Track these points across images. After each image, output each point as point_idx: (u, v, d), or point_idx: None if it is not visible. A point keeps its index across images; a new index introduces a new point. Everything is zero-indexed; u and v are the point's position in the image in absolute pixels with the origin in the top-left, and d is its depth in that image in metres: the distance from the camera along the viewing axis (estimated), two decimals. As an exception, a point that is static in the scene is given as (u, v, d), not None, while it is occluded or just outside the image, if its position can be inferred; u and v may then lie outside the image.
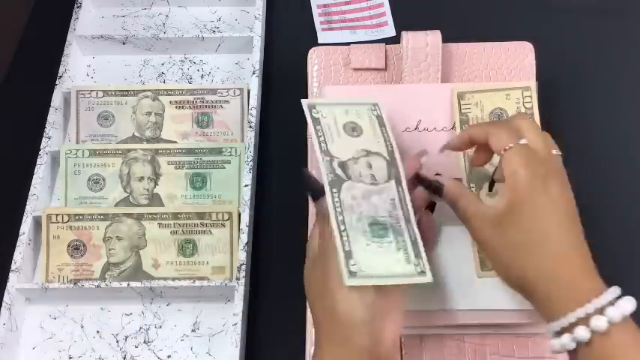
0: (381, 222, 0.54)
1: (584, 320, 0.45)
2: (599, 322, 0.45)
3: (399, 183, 0.56)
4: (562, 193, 0.50)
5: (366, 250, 0.52)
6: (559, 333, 0.47)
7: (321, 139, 0.57)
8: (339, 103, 0.60)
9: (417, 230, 0.54)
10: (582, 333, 0.45)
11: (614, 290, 0.47)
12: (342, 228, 0.53)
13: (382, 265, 0.52)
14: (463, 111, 0.65)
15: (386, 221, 0.54)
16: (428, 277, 0.52)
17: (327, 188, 0.54)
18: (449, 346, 0.62)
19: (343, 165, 0.56)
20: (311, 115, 0.58)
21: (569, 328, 0.46)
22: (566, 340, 0.46)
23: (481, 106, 0.65)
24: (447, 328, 0.62)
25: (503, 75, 0.71)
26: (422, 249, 0.53)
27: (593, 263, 0.49)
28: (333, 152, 0.56)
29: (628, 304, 0.45)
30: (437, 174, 0.60)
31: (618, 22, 0.83)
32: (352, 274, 0.50)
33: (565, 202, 0.50)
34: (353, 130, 0.58)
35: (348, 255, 0.51)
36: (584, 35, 0.82)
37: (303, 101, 0.58)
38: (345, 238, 0.52)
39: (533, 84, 0.65)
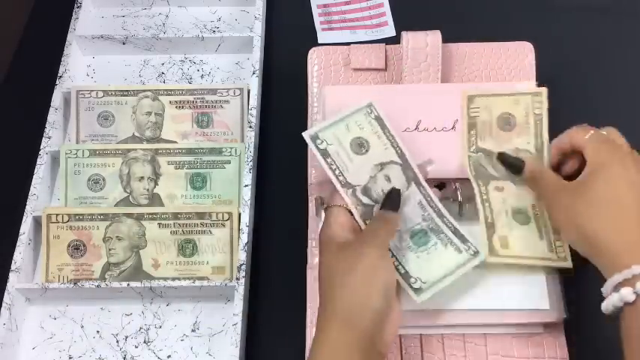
0: (419, 230, 0.58)
1: None
2: None
3: (417, 183, 0.59)
4: (634, 165, 0.56)
5: (418, 263, 0.56)
6: (618, 286, 0.51)
7: (337, 172, 0.58)
8: (337, 121, 0.60)
9: (451, 218, 0.58)
10: None
11: None
12: (390, 255, 0.56)
13: (439, 267, 0.57)
14: (472, 114, 0.65)
15: (422, 227, 0.58)
16: (481, 255, 0.58)
17: (360, 222, 0.57)
18: (449, 346, 0.62)
19: (366, 190, 0.58)
20: (317, 147, 0.59)
21: (631, 281, 0.50)
22: (627, 292, 0.50)
23: (489, 110, 0.65)
24: (447, 328, 0.62)
25: (503, 75, 0.71)
26: (464, 232, 0.58)
27: None
28: (352, 181, 0.58)
29: None
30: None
31: (618, 22, 0.83)
32: (417, 290, 0.55)
33: (636, 174, 0.55)
34: (360, 146, 0.60)
35: (407, 276, 0.56)
36: (584, 35, 0.82)
37: (305, 135, 0.59)
38: (396, 263, 0.56)
39: (544, 90, 0.65)
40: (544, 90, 0.65)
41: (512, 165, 0.62)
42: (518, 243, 0.60)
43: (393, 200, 0.57)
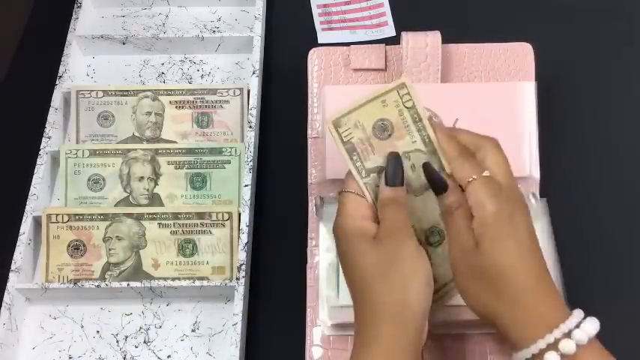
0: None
1: (554, 346, 0.47)
2: (568, 346, 0.46)
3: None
4: (527, 227, 0.51)
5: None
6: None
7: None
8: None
9: None
10: (552, 358, 0.46)
11: (579, 313, 0.48)
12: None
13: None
14: (345, 139, 0.55)
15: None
16: None
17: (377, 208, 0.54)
18: (449, 346, 0.62)
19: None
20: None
21: (539, 355, 0.47)
22: None
23: (360, 125, 0.55)
24: (447, 328, 0.62)
25: (503, 76, 0.71)
26: None
27: (556, 288, 0.50)
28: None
29: (592, 326, 0.47)
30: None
31: (618, 22, 0.83)
32: None
33: (530, 236, 0.51)
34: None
35: None
36: (584, 35, 0.82)
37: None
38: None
39: (404, 80, 0.55)
40: (404, 80, 0.55)
41: (435, 182, 0.54)
42: (441, 271, 0.55)
43: (396, 174, 0.53)
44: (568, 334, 0.47)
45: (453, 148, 0.54)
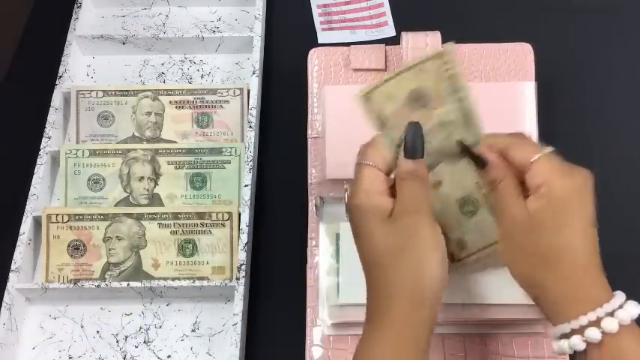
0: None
1: (595, 322, 0.47)
2: (611, 324, 0.47)
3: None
4: (592, 204, 0.50)
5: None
6: (567, 335, 0.48)
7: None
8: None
9: None
10: (594, 334, 0.47)
11: (621, 295, 0.49)
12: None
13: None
14: (376, 112, 0.53)
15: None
16: None
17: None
18: (449, 346, 0.62)
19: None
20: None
21: (579, 330, 0.47)
22: (576, 341, 0.47)
23: (392, 97, 0.52)
24: (447, 328, 0.62)
25: (503, 76, 0.71)
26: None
27: (602, 268, 0.50)
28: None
29: (635, 308, 0.48)
30: None
31: (618, 22, 0.83)
32: None
33: (593, 213, 0.50)
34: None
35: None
36: (584, 35, 0.82)
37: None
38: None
39: (451, 46, 0.52)
40: (449, 46, 0.51)
41: (475, 159, 0.53)
42: (472, 238, 0.56)
43: (416, 145, 0.51)
44: (611, 314, 0.47)
45: (505, 135, 0.53)
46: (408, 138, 0.51)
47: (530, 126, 0.68)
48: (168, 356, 0.65)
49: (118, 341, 0.66)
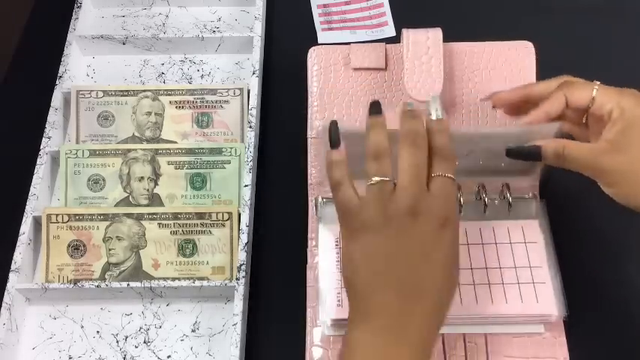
0: None
1: None
2: None
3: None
4: None
5: None
6: None
7: None
8: None
9: None
10: None
11: None
12: None
13: None
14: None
15: None
16: None
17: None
18: (449, 346, 0.62)
19: None
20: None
21: None
22: None
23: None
24: (447, 327, 0.62)
25: (504, 75, 0.71)
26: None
27: None
28: None
29: None
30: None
31: (618, 22, 0.83)
32: None
33: None
34: None
35: None
36: (584, 35, 0.82)
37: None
38: None
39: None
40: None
41: (530, 154, 0.57)
42: None
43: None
44: None
45: (548, 85, 0.58)
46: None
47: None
48: (168, 356, 0.65)
49: (118, 341, 0.66)
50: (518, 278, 0.62)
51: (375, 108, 0.53)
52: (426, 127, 0.52)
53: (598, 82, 0.56)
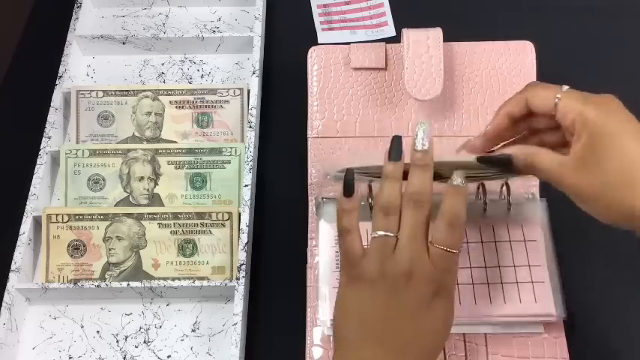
0: None
1: None
2: None
3: None
4: (629, 114, 0.50)
5: None
6: None
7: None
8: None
9: None
10: None
11: None
12: None
13: None
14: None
15: None
16: None
17: None
18: (449, 346, 0.62)
19: None
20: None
21: None
22: None
23: None
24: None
25: (504, 74, 0.71)
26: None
27: None
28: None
29: None
30: None
31: (618, 22, 0.83)
32: None
33: (634, 121, 0.49)
34: None
35: None
36: (584, 35, 0.82)
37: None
38: None
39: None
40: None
41: (499, 162, 0.54)
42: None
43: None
44: None
45: (512, 98, 0.54)
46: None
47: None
48: (168, 356, 0.65)
49: (118, 341, 0.66)
50: (517, 277, 0.62)
51: (395, 152, 0.52)
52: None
53: (566, 87, 0.52)
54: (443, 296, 0.50)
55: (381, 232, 0.50)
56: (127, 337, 0.66)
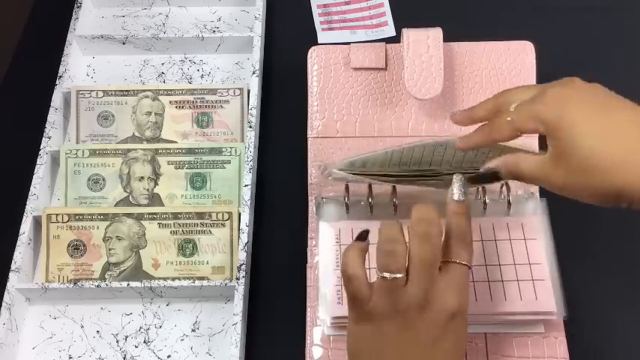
0: None
1: None
2: None
3: None
4: (586, 92, 0.52)
5: None
6: None
7: None
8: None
9: None
10: None
11: None
12: None
13: None
14: None
15: None
16: None
17: None
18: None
19: None
20: None
21: None
22: None
23: None
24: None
25: (504, 74, 0.71)
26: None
27: None
28: None
29: None
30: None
31: (618, 22, 0.83)
32: None
33: (589, 99, 0.51)
34: None
35: None
36: (584, 35, 0.82)
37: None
38: None
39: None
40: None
41: (486, 178, 0.56)
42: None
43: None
44: None
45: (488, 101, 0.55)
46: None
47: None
48: (168, 356, 0.65)
49: (118, 341, 0.66)
50: (517, 275, 0.62)
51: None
52: (446, 207, 0.52)
53: (513, 105, 0.52)
54: (458, 317, 0.49)
55: (387, 275, 0.48)
56: (127, 337, 0.66)
